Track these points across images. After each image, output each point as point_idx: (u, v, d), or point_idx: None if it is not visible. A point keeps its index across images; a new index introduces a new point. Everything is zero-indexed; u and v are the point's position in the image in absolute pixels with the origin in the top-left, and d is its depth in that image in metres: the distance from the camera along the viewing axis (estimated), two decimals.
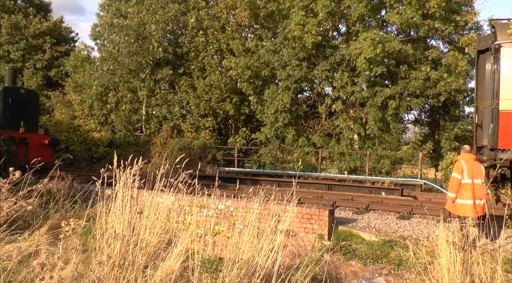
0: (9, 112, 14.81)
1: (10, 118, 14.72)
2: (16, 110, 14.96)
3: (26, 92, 15.99)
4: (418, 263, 5.83)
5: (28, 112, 15.55)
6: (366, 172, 16.79)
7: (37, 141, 15.18)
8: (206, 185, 8.13)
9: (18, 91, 15.59)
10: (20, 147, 14.07)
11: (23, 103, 15.29)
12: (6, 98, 14.80)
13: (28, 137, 14.81)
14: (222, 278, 4.38)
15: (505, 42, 7.81)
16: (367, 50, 16.71)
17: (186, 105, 22.22)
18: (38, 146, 15.05)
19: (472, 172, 6.71)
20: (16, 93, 15.32)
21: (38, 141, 15.18)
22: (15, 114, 14.89)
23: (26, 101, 15.53)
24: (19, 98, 15.23)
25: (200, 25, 21.95)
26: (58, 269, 3.45)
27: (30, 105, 15.77)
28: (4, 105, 14.77)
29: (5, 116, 14.71)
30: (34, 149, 14.70)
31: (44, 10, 32.15)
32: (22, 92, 15.69)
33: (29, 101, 15.82)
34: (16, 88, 15.80)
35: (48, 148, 15.55)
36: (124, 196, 5.04)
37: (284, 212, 5.96)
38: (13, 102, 14.93)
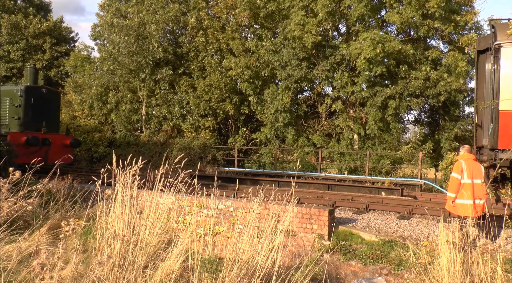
0: (32, 112, 14.50)
1: (32, 118, 14.42)
2: (38, 110, 14.66)
3: (47, 91, 15.61)
4: (418, 263, 5.83)
5: (49, 112, 15.18)
6: (366, 172, 16.79)
7: (59, 141, 14.86)
8: (206, 185, 8.13)
9: (40, 90, 15.23)
10: (42, 148, 13.77)
11: (45, 103, 14.95)
12: (29, 97, 14.48)
13: (50, 137, 14.48)
14: (222, 278, 4.38)
15: (505, 42, 7.81)
16: (367, 50, 16.70)
17: (186, 105, 22.23)
18: (60, 147, 14.74)
19: (472, 172, 6.71)
20: (38, 93, 14.98)
21: (59, 142, 14.86)
22: (37, 114, 14.59)
23: (47, 100, 15.18)
24: (41, 98, 14.89)
25: (200, 25, 21.96)
26: (58, 269, 3.45)
27: (51, 105, 15.43)
28: (26, 105, 14.44)
29: (28, 116, 14.40)
30: (55, 150, 14.41)
31: (44, 10, 32.16)
32: (44, 91, 15.31)
33: (51, 100, 15.47)
34: (38, 87, 15.43)
35: (69, 149, 15.21)
36: (124, 196, 5.04)
37: (284, 212, 5.96)
38: (35, 101, 14.61)
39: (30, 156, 13.27)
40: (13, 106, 14.27)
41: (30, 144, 13.38)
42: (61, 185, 8.04)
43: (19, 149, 12.89)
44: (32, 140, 13.41)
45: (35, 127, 14.33)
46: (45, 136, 14.27)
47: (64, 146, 14.93)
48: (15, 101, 14.33)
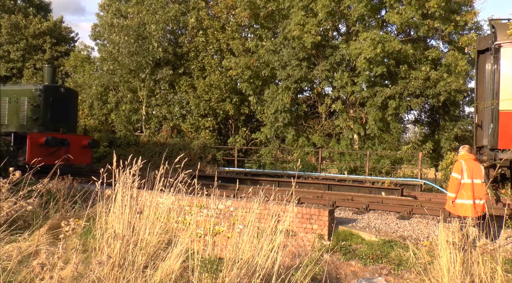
0: (50, 112, 14.13)
1: (51, 118, 14.08)
2: (56, 109, 14.27)
3: (66, 91, 15.24)
4: (418, 263, 5.83)
5: (68, 112, 14.85)
6: (366, 172, 16.79)
7: (78, 142, 14.47)
8: (206, 185, 8.13)
9: (58, 89, 14.81)
10: (61, 148, 13.43)
11: (63, 102, 14.59)
12: (47, 97, 14.11)
13: (69, 138, 14.10)
14: (222, 278, 4.38)
15: (505, 42, 7.81)
16: (367, 50, 16.70)
17: (186, 105, 22.23)
18: (78, 147, 14.39)
19: (472, 172, 6.71)
20: (56, 92, 14.60)
21: (78, 143, 14.47)
22: (56, 114, 14.22)
23: (66, 100, 14.81)
24: (59, 97, 14.52)
25: (200, 25, 21.96)
26: (58, 269, 3.45)
27: (69, 104, 15.07)
28: (45, 105, 14.06)
29: (46, 116, 14.05)
30: (74, 150, 14.04)
31: (44, 10, 32.16)
32: (62, 90, 14.90)
33: (69, 99, 15.09)
34: (56, 86, 15.04)
35: (87, 150, 14.85)
36: (124, 196, 5.04)
37: (284, 212, 5.96)
38: (53, 101, 14.26)
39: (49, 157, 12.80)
40: (31, 106, 13.97)
41: (50, 145, 13.09)
42: (61, 185, 8.04)
43: (39, 150, 12.68)
44: (52, 141, 13.11)
45: (53, 127, 14.03)
46: (64, 137, 13.91)
47: (83, 146, 14.60)
48: (34, 101, 13.98)
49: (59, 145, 13.36)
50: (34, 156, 12.90)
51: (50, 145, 13.08)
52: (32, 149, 12.76)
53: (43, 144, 13.02)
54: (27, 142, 12.83)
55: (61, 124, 14.29)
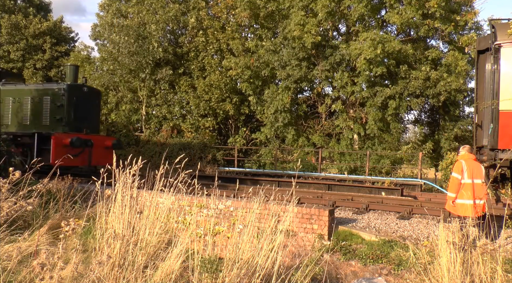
0: (74, 111, 13.66)
1: (74, 118, 13.63)
2: (79, 109, 13.81)
3: (89, 90, 14.72)
4: (418, 263, 5.83)
5: (91, 112, 14.44)
6: (366, 172, 16.79)
7: (101, 143, 13.96)
8: (206, 185, 8.13)
9: (82, 89, 14.28)
10: (85, 149, 13.04)
11: (86, 102, 14.15)
12: (71, 96, 13.56)
13: (92, 138, 13.60)
14: (222, 278, 4.38)
15: (505, 42, 7.81)
16: (367, 50, 16.70)
17: (186, 105, 22.24)
18: (102, 148, 13.90)
19: (472, 172, 6.71)
20: (80, 91, 14.09)
21: (101, 143, 13.97)
22: (79, 114, 13.78)
23: (89, 99, 14.36)
24: (82, 97, 14.06)
25: (200, 25, 21.97)
26: (58, 269, 3.45)
27: (93, 104, 14.64)
28: (69, 104, 13.49)
29: (70, 116, 13.49)
30: (98, 152, 13.64)
31: (44, 10, 32.15)
32: (85, 90, 14.38)
33: (92, 99, 14.63)
34: (80, 85, 14.46)
35: (110, 151, 14.26)
36: (124, 196, 5.04)
37: (284, 212, 5.96)
38: (77, 100, 13.78)
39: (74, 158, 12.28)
40: (55, 105, 13.43)
41: (75, 145, 12.64)
42: (61, 185, 8.04)
43: (63, 151, 12.20)
44: (77, 142, 12.67)
45: (77, 128, 13.54)
46: (87, 137, 13.43)
47: (106, 147, 14.10)
48: (57, 101, 13.46)
49: (83, 146, 12.96)
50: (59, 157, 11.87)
51: (74, 146, 12.63)
52: (57, 150, 12.28)
53: (68, 145, 12.58)
54: (51, 142, 12.34)
55: (85, 124, 13.88)
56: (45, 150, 12.42)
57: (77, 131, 13.37)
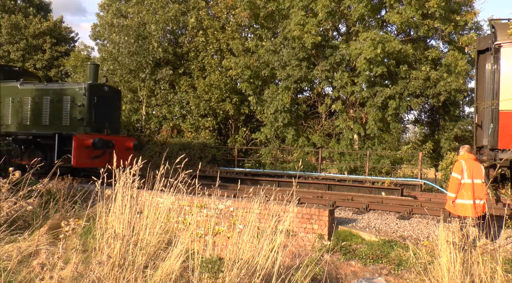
0: (95, 111, 13.29)
1: (95, 119, 13.25)
2: (100, 109, 13.44)
3: (109, 90, 14.31)
4: (418, 263, 5.83)
5: (111, 112, 14.01)
6: (366, 172, 16.79)
7: (122, 144, 13.53)
8: (206, 185, 8.13)
9: (102, 88, 13.88)
10: (106, 151, 12.60)
11: (107, 102, 13.77)
12: (92, 96, 13.15)
13: (113, 139, 13.21)
14: (222, 278, 4.38)
15: (505, 42, 7.81)
16: (367, 50, 16.70)
17: (186, 105, 22.24)
18: (123, 149, 13.38)
19: (472, 172, 6.71)
20: (101, 91, 13.67)
21: (122, 144, 13.51)
22: (100, 114, 13.39)
23: (109, 99, 13.90)
24: (103, 96, 13.58)
25: (200, 25, 21.96)
26: (58, 269, 3.44)
27: (113, 104, 14.23)
28: (90, 104, 13.08)
29: (91, 116, 13.12)
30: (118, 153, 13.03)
31: (44, 10, 32.15)
32: (105, 89, 13.99)
33: (112, 99, 14.16)
34: (100, 85, 14.06)
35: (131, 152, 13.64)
36: (124, 196, 5.04)
37: (284, 212, 5.95)
38: (98, 100, 13.32)
39: (95, 160, 12.22)
40: (75, 105, 13.06)
41: (97, 147, 12.28)
42: (61, 185, 8.04)
43: (84, 152, 11.98)
44: (99, 143, 12.30)
45: (98, 128, 13.16)
46: (109, 138, 13.05)
47: (127, 148, 13.63)
48: (78, 100, 13.06)
49: (105, 147, 12.58)
50: (81, 159, 11.93)
51: (97, 147, 12.28)
52: (78, 152, 11.96)
53: (90, 146, 12.21)
54: (72, 144, 11.97)
55: (105, 124, 13.44)
56: (66, 151, 12.02)
57: (98, 132, 13.03)
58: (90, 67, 14.24)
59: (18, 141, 13.13)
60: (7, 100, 13.87)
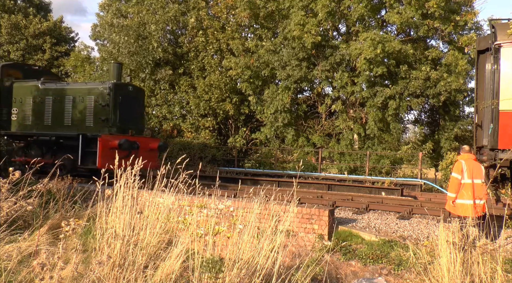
0: (119, 112, 12.88)
1: (120, 119, 12.88)
2: (125, 109, 12.98)
3: (134, 89, 13.94)
4: (418, 263, 5.83)
5: (136, 112, 13.63)
6: (366, 172, 16.79)
7: (147, 145, 13.10)
8: (206, 185, 8.13)
9: (127, 88, 13.49)
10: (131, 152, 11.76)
11: (132, 102, 13.31)
12: (117, 96, 12.74)
13: (138, 140, 12.77)
14: (223, 278, 4.38)
15: (505, 42, 7.81)
16: (367, 50, 16.70)
17: (186, 105, 22.23)
18: (147, 151, 12.97)
19: (472, 172, 6.72)
20: (125, 90, 13.27)
21: (147, 145, 13.09)
22: (124, 114, 12.95)
23: (134, 99, 13.52)
24: (128, 96, 13.20)
25: (200, 25, 21.96)
26: (58, 269, 3.44)
27: (138, 104, 13.79)
28: (115, 104, 12.67)
29: (116, 117, 12.71)
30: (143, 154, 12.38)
31: (44, 10, 32.14)
32: (130, 89, 13.62)
33: (137, 99, 13.79)
34: (125, 84, 13.66)
35: (156, 154, 13.43)
36: (124, 196, 5.04)
37: (284, 212, 5.96)
38: (122, 100, 12.92)
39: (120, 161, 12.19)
40: (99, 105, 12.64)
41: (123, 148, 11.71)
42: (61, 185, 8.03)
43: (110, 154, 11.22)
44: (125, 144, 11.87)
45: (122, 129, 12.74)
46: (133, 139, 12.60)
47: (151, 150, 13.20)
48: (102, 100, 12.63)
49: (130, 149, 12.07)
50: (106, 161, 11.00)
51: (123, 148, 11.69)
52: (104, 153, 11.53)
53: (116, 147, 11.67)
54: (97, 145, 11.61)
55: (130, 125, 13.05)
56: (90, 153, 11.76)
57: (123, 133, 12.67)
58: (113, 66, 13.74)
59: (40, 142, 12.80)
60: (28, 100, 13.53)
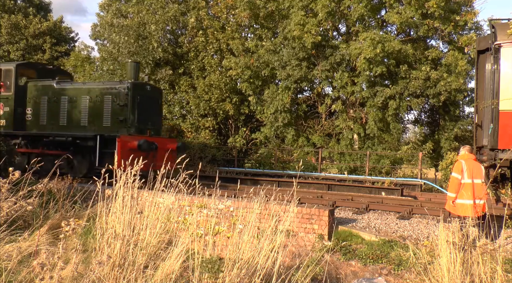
0: (138, 112, 12.57)
1: (138, 119, 12.56)
2: (143, 109, 12.72)
3: (151, 89, 13.65)
4: (418, 263, 5.83)
5: (154, 112, 13.35)
6: (366, 172, 16.79)
7: (165, 146, 12.73)
8: (206, 185, 8.13)
9: (145, 87, 13.18)
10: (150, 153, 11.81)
11: (150, 102, 13.07)
12: (135, 96, 12.46)
13: (156, 141, 12.50)
14: (222, 278, 4.38)
15: (505, 42, 7.81)
16: (367, 50, 16.70)
17: (186, 105, 22.23)
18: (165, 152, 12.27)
19: (472, 172, 6.72)
20: (144, 90, 12.98)
21: (165, 146, 12.69)
22: (143, 115, 12.70)
23: (152, 99, 13.26)
24: (146, 96, 12.92)
25: (200, 25, 21.96)
26: (58, 269, 3.45)
27: (156, 104, 13.55)
28: (133, 104, 12.40)
29: (134, 117, 12.46)
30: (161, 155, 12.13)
31: (44, 10, 32.14)
32: (148, 88, 13.32)
33: (154, 98, 13.51)
34: (143, 84, 13.37)
35: (174, 155, 12.85)
36: (125, 196, 5.04)
37: (284, 212, 5.96)
38: (140, 100, 12.65)
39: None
40: (117, 105, 12.35)
41: (143, 149, 11.46)
42: (61, 185, 8.03)
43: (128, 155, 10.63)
44: (144, 145, 11.60)
45: (140, 130, 12.52)
46: (152, 140, 12.35)
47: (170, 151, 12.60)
48: (120, 100, 12.34)
49: (149, 150, 11.89)
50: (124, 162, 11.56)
51: (142, 149, 11.43)
52: (123, 155, 11.16)
53: (135, 148, 11.44)
54: (116, 146, 11.31)
55: (148, 125, 12.84)
56: (107, 154, 11.47)
57: (141, 133, 12.47)
58: (130, 65, 13.39)
59: (55, 143, 12.57)
60: (43, 100, 13.36)
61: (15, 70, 13.47)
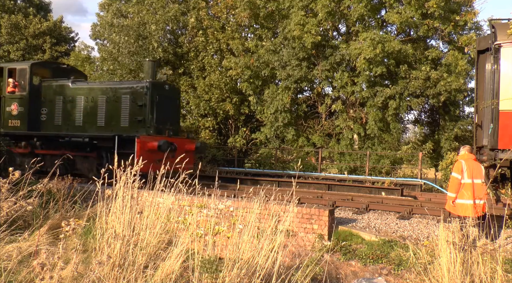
0: (156, 112, 12.35)
1: (156, 119, 12.32)
2: (162, 109, 12.55)
3: (170, 88, 13.40)
4: (418, 263, 5.83)
5: (173, 112, 13.12)
6: (366, 172, 16.79)
7: (184, 146, 12.55)
8: (206, 185, 8.13)
9: (163, 87, 12.92)
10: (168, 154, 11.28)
11: (168, 101, 12.82)
12: (154, 95, 12.19)
13: (175, 141, 12.26)
14: (222, 278, 4.38)
15: (505, 42, 7.80)
16: (367, 50, 16.70)
17: (186, 105, 22.24)
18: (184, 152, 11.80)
19: (472, 172, 6.72)
20: (162, 90, 12.72)
21: (184, 147, 12.53)
22: (161, 115, 12.51)
23: (170, 98, 13.03)
24: (164, 96, 12.65)
25: (200, 25, 21.96)
26: (58, 269, 3.45)
27: (174, 104, 13.30)
28: (152, 104, 12.15)
29: (153, 117, 12.21)
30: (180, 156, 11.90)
31: (44, 10, 32.15)
32: (166, 88, 13.07)
33: (173, 98, 13.30)
34: (161, 83, 13.19)
35: (192, 155, 12.79)
36: (125, 196, 5.04)
37: (284, 212, 5.96)
38: (159, 100, 12.39)
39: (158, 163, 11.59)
40: (135, 105, 12.14)
41: (162, 150, 11.09)
42: (61, 185, 8.03)
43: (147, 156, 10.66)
44: (164, 146, 11.29)
45: (159, 130, 12.27)
46: (171, 140, 12.08)
47: (188, 151, 12.50)
48: (139, 100, 12.13)
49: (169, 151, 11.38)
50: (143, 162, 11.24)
51: (162, 150, 11.14)
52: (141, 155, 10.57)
53: (155, 149, 11.26)
54: (135, 146, 11.08)
55: (167, 125, 12.59)
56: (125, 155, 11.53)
57: (159, 134, 12.22)
58: (148, 63, 13.14)
59: (71, 143, 12.34)
60: (58, 100, 13.17)
61: (29, 69, 13.26)
